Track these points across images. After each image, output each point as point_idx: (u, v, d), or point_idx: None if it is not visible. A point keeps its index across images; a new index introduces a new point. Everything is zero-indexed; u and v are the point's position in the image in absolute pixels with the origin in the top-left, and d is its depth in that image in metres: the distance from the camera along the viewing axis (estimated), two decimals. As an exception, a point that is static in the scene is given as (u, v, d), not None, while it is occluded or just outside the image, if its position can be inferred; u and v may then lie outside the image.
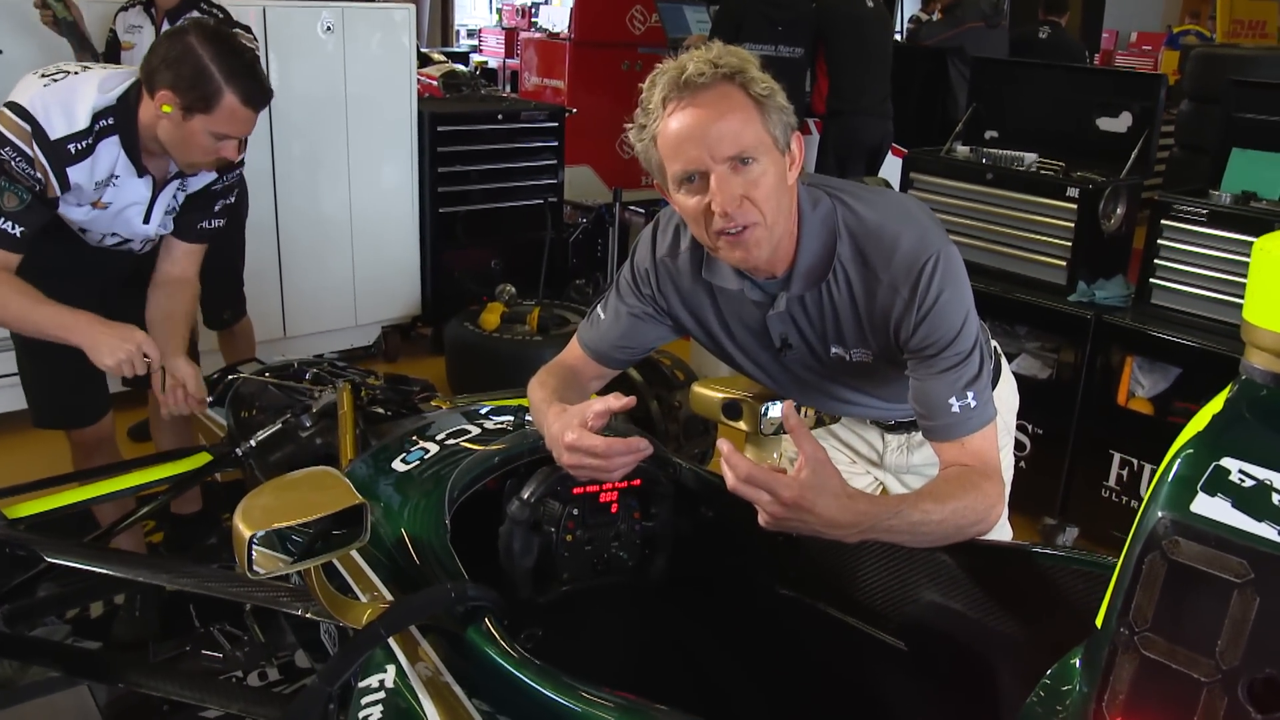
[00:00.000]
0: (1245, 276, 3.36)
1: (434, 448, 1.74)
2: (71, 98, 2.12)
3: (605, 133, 7.46)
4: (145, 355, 2.12)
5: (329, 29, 4.26)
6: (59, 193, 2.15)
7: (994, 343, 1.90)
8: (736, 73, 1.41)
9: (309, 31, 4.25)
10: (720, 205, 1.42)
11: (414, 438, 1.80)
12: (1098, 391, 3.28)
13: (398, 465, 1.71)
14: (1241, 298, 3.36)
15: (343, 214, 4.52)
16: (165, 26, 3.40)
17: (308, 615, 1.58)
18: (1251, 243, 3.33)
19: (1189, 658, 0.80)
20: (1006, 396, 1.94)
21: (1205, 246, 3.09)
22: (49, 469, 2.50)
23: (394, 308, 4.82)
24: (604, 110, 7.24)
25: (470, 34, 13.59)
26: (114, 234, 2.38)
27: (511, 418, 1.88)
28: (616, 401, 1.45)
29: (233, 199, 2.47)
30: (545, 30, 9.63)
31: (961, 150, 3.74)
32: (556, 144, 5.15)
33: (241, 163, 2.41)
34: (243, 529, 1.25)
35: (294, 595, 1.60)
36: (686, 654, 1.75)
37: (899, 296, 1.49)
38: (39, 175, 2.10)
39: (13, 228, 2.10)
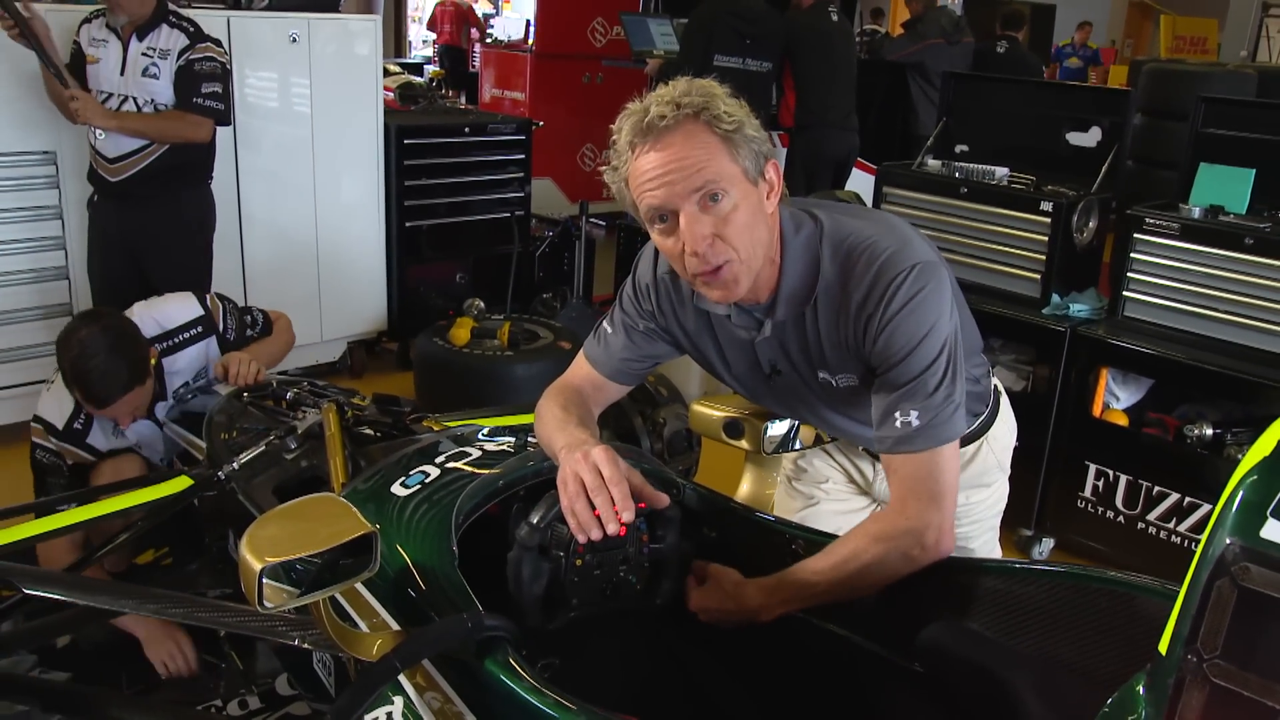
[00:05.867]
0: (1216, 289, 3.40)
1: (435, 471, 1.69)
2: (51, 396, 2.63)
3: (566, 145, 7.45)
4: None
5: (294, 40, 4.19)
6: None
7: (994, 380, 1.89)
8: (701, 110, 1.39)
9: (273, 43, 4.18)
10: (690, 245, 1.41)
11: (412, 461, 1.75)
12: (1072, 403, 3.32)
13: (397, 490, 1.66)
14: (1212, 309, 3.40)
15: (308, 227, 4.44)
16: (134, 42, 3.35)
17: (305, 645, 1.53)
18: (1221, 255, 3.37)
19: (1262, 685, 0.79)
20: (1003, 435, 1.93)
21: (1177, 260, 3.14)
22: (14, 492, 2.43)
23: (360, 323, 4.75)
24: (565, 123, 7.23)
25: (424, 44, 13.55)
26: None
27: (512, 439, 1.84)
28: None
29: None
30: (500, 41, 9.60)
31: (933, 164, 3.77)
32: (523, 157, 5.11)
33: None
34: (251, 562, 1.20)
35: (291, 624, 1.55)
36: (694, 679, 1.72)
37: (865, 310, 1.47)
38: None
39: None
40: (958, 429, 1.50)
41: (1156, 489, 3.15)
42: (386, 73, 6.31)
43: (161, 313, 2.71)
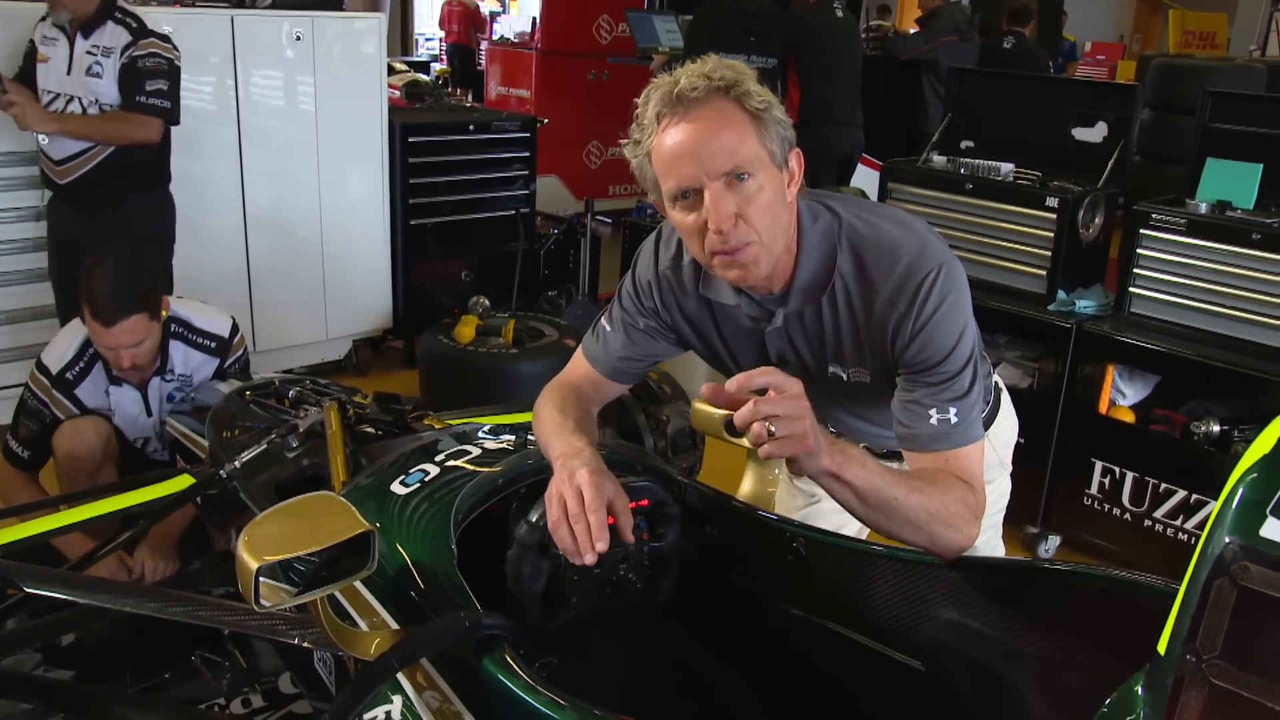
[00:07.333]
0: (1223, 285, 3.38)
1: (434, 470, 1.68)
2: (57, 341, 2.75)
3: (572, 142, 7.45)
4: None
5: (298, 38, 4.19)
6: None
7: (995, 378, 1.88)
8: (732, 86, 1.38)
9: (277, 42, 4.18)
10: (715, 223, 1.39)
11: (412, 459, 1.74)
12: (1079, 400, 3.30)
13: (397, 488, 1.65)
14: (1219, 305, 3.38)
15: (312, 226, 4.45)
16: (79, 40, 3.27)
17: (305, 644, 1.53)
18: (1228, 251, 3.36)
19: (1262, 685, 0.78)
20: (1005, 431, 1.92)
21: (1183, 255, 3.12)
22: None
23: (365, 321, 4.75)
24: (571, 120, 7.23)
25: (429, 42, 13.55)
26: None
27: (512, 437, 1.83)
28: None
29: None
30: (505, 39, 9.60)
31: (938, 160, 3.75)
32: (528, 154, 5.11)
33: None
34: (248, 560, 1.20)
35: (291, 623, 1.55)
36: (695, 677, 1.72)
37: (896, 310, 1.46)
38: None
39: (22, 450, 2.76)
40: (981, 426, 1.52)
41: (1163, 486, 3.13)
42: (393, 71, 6.33)
43: (194, 310, 2.79)
